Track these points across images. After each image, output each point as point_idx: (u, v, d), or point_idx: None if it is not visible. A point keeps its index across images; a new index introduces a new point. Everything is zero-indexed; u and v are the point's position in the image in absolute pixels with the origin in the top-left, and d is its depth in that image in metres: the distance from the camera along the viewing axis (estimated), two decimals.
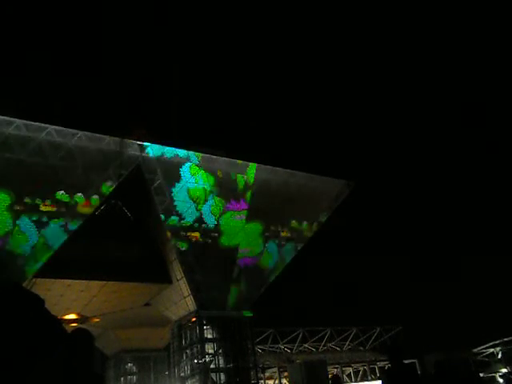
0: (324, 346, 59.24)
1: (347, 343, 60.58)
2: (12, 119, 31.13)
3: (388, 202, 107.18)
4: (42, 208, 31.94)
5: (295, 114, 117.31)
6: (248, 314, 39.86)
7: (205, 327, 38.03)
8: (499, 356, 50.99)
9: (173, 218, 36.80)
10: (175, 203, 36.99)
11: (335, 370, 55.40)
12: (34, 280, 32.40)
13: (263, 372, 50.67)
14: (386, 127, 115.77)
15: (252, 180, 40.09)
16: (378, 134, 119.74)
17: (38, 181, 31.72)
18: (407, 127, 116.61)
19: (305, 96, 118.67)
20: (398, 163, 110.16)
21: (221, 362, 37.64)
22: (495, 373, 50.60)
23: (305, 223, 43.52)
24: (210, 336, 38.14)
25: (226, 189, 39.38)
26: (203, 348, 37.20)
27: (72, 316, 42.55)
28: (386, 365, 47.05)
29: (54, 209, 32.31)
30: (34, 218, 31.68)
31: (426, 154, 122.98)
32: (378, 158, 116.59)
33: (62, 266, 33.42)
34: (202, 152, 38.40)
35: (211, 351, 37.64)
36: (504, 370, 49.78)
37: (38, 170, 31.60)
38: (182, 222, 37.12)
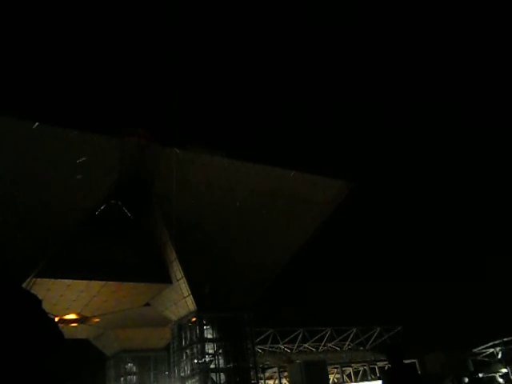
0: (324, 346, 59.21)
1: (347, 343, 60.55)
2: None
3: (386, 201, 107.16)
4: None
5: (295, 114, 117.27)
6: (248, 314, 39.83)
7: (205, 327, 38.02)
8: (499, 356, 50.93)
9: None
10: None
11: (335, 370, 55.44)
12: (34, 280, 32.39)
13: (263, 372, 50.62)
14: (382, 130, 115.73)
15: None
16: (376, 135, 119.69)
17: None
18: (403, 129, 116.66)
19: (304, 96, 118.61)
20: (396, 163, 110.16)
21: (221, 362, 37.65)
22: (495, 373, 50.54)
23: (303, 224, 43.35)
24: (210, 336, 38.15)
25: None
26: (203, 348, 37.21)
27: (72, 316, 42.56)
28: (386, 365, 47.06)
29: None
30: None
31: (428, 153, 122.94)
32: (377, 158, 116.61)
33: (62, 266, 33.43)
34: (202, 152, 38.23)
35: (211, 351, 37.64)
36: (504, 370, 49.71)
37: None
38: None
